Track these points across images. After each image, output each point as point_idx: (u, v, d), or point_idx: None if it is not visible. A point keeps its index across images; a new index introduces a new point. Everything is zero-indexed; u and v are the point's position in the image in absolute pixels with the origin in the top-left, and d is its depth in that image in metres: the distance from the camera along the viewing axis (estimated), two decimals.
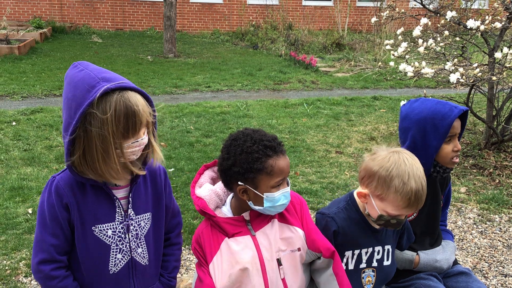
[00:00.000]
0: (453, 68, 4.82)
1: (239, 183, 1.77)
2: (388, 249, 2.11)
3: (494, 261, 3.64)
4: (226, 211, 1.91)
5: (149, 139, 1.71)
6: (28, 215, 4.01)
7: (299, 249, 1.88)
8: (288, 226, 1.90)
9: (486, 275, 3.46)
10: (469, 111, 5.56)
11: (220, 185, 1.91)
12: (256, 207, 1.80)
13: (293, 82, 9.82)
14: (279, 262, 1.85)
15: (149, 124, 1.69)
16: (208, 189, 1.91)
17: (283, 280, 1.85)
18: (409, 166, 1.88)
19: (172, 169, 5.09)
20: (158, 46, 13.21)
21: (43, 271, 1.71)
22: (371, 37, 14.30)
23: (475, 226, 4.18)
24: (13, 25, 13.21)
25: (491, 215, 4.36)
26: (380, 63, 10.08)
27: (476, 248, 3.83)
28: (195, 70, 10.46)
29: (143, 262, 1.85)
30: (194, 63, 11.23)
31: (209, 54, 12.71)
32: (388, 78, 8.72)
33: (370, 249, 2.06)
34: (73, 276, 1.79)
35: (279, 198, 1.77)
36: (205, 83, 9.29)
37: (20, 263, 3.38)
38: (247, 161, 1.73)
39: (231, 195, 1.93)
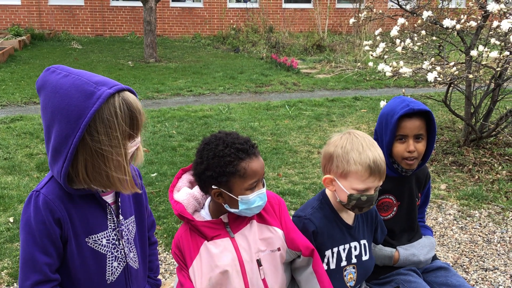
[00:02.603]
0: (430, 67, 4.90)
1: (213, 186, 1.78)
2: (364, 244, 2.14)
3: (474, 256, 3.71)
4: (204, 215, 1.92)
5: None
6: (10, 224, 3.97)
7: (279, 249, 1.90)
8: (267, 226, 1.91)
9: (467, 270, 3.52)
10: (447, 109, 5.64)
11: (198, 188, 1.93)
12: (232, 210, 1.82)
13: (274, 84, 9.86)
14: (259, 263, 1.86)
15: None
16: (186, 193, 1.92)
17: (264, 280, 1.87)
18: (361, 139, 1.96)
19: (155, 174, 5.08)
20: (139, 51, 13.17)
21: None
22: (351, 38, 14.43)
23: (455, 222, 4.24)
24: None
25: (471, 211, 4.43)
26: (359, 63, 10.16)
27: (456, 243, 3.89)
28: (177, 75, 10.44)
29: (135, 266, 1.84)
30: (175, 68, 11.22)
31: (190, 58, 12.70)
32: (368, 78, 8.81)
33: (347, 246, 2.09)
34: None
35: (254, 200, 1.79)
36: (187, 87, 9.28)
37: (1, 272, 3.35)
38: (219, 164, 1.74)
39: (209, 198, 1.95)
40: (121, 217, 1.77)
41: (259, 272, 1.86)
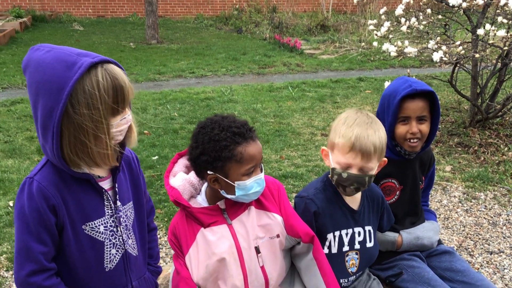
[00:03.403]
0: (436, 46, 4.79)
1: (209, 172, 1.72)
2: (369, 230, 2.08)
3: (479, 239, 3.65)
4: (201, 201, 1.86)
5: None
6: (9, 208, 3.94)
7: (278, 236, 1.85)
8: (266, 212, 1.86)
9: (471, 253, 3.47)
10: (453, 89, 5.55)
11: (194, 173, 1.86)
12: (229, 196, 1.76)
13: (278, 65, 9.74)
14: (257, 250, 1.81)
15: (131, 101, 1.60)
16: (182, 179, 1.85)
17: (262, 268, 1.82)
18: (360, 116, 1.92)
19: (156, 157, 5.03)
20: (140, 33, 13.02)
21: (35, 283, 1.56)
22: (356, 17, 14.21)
23: (460, 204, 4.18)
24: None
25: (476, 193, 4.37)
26: (363, 43, 10.02)
27: (461, 226, 3.83)
28: (179, 56, 10.33)
29: (134, 253, 1.79)
30: (177, 49, 11.10)
31: (192, 39, 12.56)
32: (372, 59, 8.68)
33: (350, 231, 2.03)
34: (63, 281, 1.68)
35: (251, 186, 1.72)
36: (189, 69, 9.18)
37: (1, 257, 3.32)
38: (215, 149, 1.67)
39: (206, 183, 1.88)
40: (118, 203, 1.71)
41: (258, 259, 1.81)
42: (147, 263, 1.93)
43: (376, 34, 5.53)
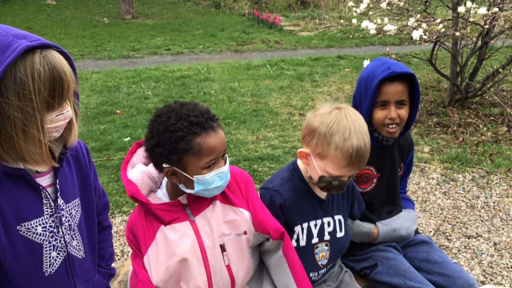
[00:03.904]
0: (416, 24, 4.66)
1: (165, 165, 1.56)
2: (339, 220, 1.96)
3: (457, 222, 3.59)
4: (161, 195, 1.70)
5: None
6: None
7: (245, 232, 1.71)
8: (232, 207, 1.71)
9: (449, 238, 3.40)
10: (433, 68, 5.45)
11: None
12: (188, 191, 1.61)
13: (256, 42, 9.54)
14: (222, 248, 1.67)
15: (74, 95, 1.42)
16: (140, 171, 1.68)
17: (228, 267, 1.68)
18: (351, 121, 1.73)
19: (128, 138, 4.85)
20: (115, 7, 12.65)
21: None
22: None
23: (438, 186, 4.11)
24: None
25: (455, 175, 4.30)
26: (342, 20, 9.86)
27: (439, 209, 3.76)
28: (154, 32, 10.05)
29: (79, 255, 1.62)
30: (153, 25, 10.79)
31: (169, 14, 12.24)
32: (351, 36, 8.54)
33: (319, 221, 1.91)
34: None
35: (212, 180, 1.57)
36: (164, 46, 8.93)
37: None
38: (170, 140, 1.51)
39: None
40: (60, 201, 1.53)
41: (223, 258, 1.67)
42: (98, 265, 1.77)
43: (355, 11, 5.38)
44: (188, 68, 7.48)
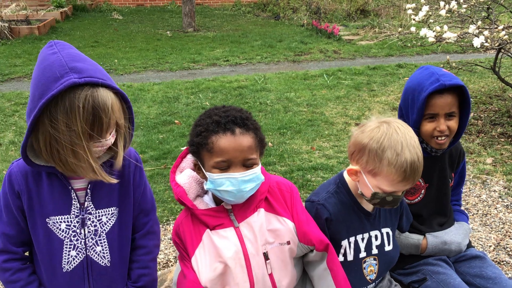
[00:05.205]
0: (477, 31, 4.51)
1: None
2: (387, 233, 1.92)
3: None
4: (208, 200, 1.75)
5: (117, 143, 1.57)
6: None
7: (288, 243, 1.71)
8: (276, 216, 1.72)
9: (510, 253, 3.24)
10: (497, 76, 5.23)
11: None
12: (206, 187, 1.70)
13: (314, 52, 9.53)
14: (266, 256, 1.68)
15: (120, 126, 1.54)
16: (188, 176, 1.74)
17: (271, 275, 1.69)
18: (401, 135, 1.69)
19: (185, 148, 4.97)
20: (178, 21, 13.02)
21: None
22: (397, 1, 13.74)
23: (500, 200, 3.93)
24: (34, 4, 13.20)
25: None
26: (400, 28, 9.66)
27: (500, 223, 3.60)
28: (214, 44, 10.26)
29: (103, 262, 1.70)
30: (213, 37, 11.02)
31: (229, 27, 12.46)
32: (409, 44, 8.35)
33: (366, 235, 1.88)
34: (34, 271, 1.68)
35: (221, 182, 1.60)
36: (223, 57, 9.09)
37: None
38: (193, 133, 1.64)
39: None
40: (89, 205, 1.64)
41: (266, 266, 1.68)
42: (126, 283, 1.81)
43: (413, 19, 5.28)
44: (245, 78, 7.58)
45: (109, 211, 1.69)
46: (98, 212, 1.67)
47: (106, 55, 9.12)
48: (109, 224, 1.70)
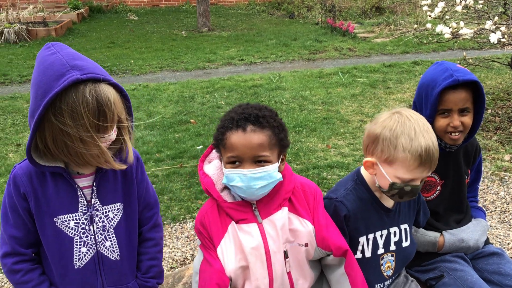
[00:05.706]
0: (494, 27, 4.46)
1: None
2: (405, 229, 1.92)
3: None
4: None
5: (123, 136, 1.61)
6: None
7: (306, 245, 1.72)
8: (298, 217, 1.73)
9: None
10: None
11: None
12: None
13: (329, 50, 9.50)
14: (285, 255, 1.69)
15: (122, 120, 1.58)
16: (217, 167, 1.76)
17: (289, 273, 1.70)
18: (414, 122, 1.70)
19: (201, 147, 5.01)
20: (193, 21, 13.08)
21: (6, 265, 1.66)
22: None
23: None
24: (51, 6, 13.37)
25: None
26: (416, 25, 9.58)
27: None
28: (229, 44, 10.29)
29: (113, 256, 1.74)
30: (228, 36, 11.05)
31: (244, 26, 12.48)
32: (425, 41, 8.28)
33: (385, 232, 1.88)
34: (44, 271, 1.71)
35: (232, 177, 1.64)
36: (238, 56, 9.12)
37: None
38: (217, 128, 1.71)
39: None
40: (95, 202, 1.68)
41: (285, 264, 1.69)
42: (136, 273, 1.85)
43: (429, 15, 5.24)
44: (260, 77, 7.59)
45: (115, 207, 1.73)
46: (105, 208, 1.71)
47: (122, 55, 9.21)
48: (116, 219, 1.74)
